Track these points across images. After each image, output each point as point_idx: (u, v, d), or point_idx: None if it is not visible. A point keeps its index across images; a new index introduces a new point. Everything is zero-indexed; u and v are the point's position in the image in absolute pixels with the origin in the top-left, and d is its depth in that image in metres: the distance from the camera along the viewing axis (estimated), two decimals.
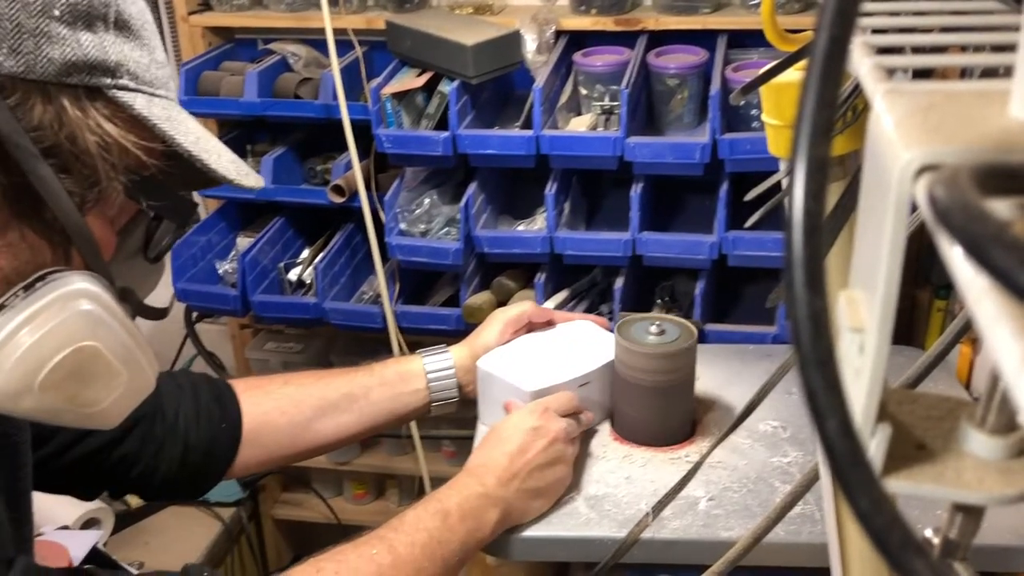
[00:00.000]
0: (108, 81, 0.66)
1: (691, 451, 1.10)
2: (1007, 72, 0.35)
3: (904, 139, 0.33)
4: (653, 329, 1.09)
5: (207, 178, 0.73)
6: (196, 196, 0.87)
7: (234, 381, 1.11)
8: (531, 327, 1.18)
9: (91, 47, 0.65)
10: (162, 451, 1.02)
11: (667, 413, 1.10)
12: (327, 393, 1.10)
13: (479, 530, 0.94)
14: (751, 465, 1.07)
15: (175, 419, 1.03)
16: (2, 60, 0.61)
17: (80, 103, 0.65)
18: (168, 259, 0.82)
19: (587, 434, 1.12)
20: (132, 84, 0.68)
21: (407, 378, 1.12)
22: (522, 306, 1.18)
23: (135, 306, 0.75)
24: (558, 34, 1.62)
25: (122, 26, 0.68)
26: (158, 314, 0.79)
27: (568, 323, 1.20)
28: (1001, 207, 0.29)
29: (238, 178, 0.74)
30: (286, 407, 1.09)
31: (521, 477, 0.98)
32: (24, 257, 0.66)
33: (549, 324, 1.20)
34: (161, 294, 0.85)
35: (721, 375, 1.24)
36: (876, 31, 0.47)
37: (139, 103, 0.68)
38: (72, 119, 0.64)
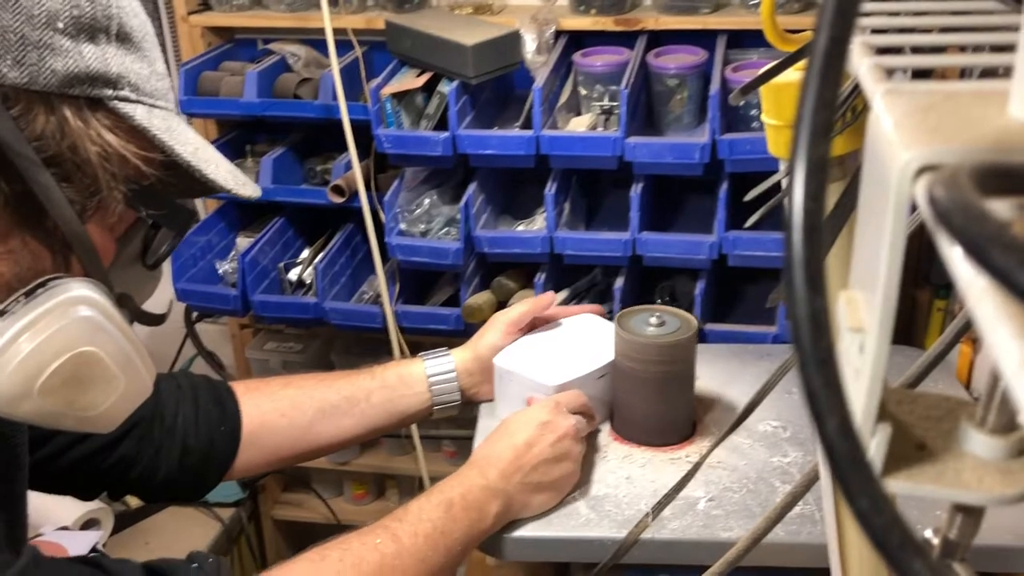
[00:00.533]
0: (109, 92, 0.67)
1: (691, 451, 1.10)
2: (1006, 72, 0.35)
3: (904, 139, 0.33)
4: (653, 320, 1.09)
5: (205, 187, 0.74)
6: None
7: (234, 383, 1.11)
8: (534, 323, 1.19)
9: (93, 59, 0.66)
10: (161, 453, 1.02)
11: (667, 406, 1.10)
12: (328, 395, 1.10)
13: (481, 521, 0.95)
14: (751, 465, 1.07)
15: (174, 421, 1.03)
16: (6, 71, 0.63)
17: (82, 114, 0.66)
18: (166, 265, 0.83)
19: (588, 434, 1.12)
20: (133, 95, 0.69)
21: (408, 381, 1.12)
22: (521, 306, 1.18)
23: (133, 312, 0.76)
24: (558, 34, 1.62)
25: (124, 38, 0.69)
26: (156, 320, 0.80)
27: (572, 318, 1.21)
28: (1001, 207, 0.29)
29: (235, 188, 0.75)
30: (286, 409, 1.09)
31: (525, 471, 0.98)
32: (25, 264, 0.68)
33: (552, 319, 1.20)
34: (160, 298, 0.86)
35: (721, 375, 1.23)
36: (875, 31, 0.47)
37: (139, 114, 0.69)
38: (74, 129, 0.66)
